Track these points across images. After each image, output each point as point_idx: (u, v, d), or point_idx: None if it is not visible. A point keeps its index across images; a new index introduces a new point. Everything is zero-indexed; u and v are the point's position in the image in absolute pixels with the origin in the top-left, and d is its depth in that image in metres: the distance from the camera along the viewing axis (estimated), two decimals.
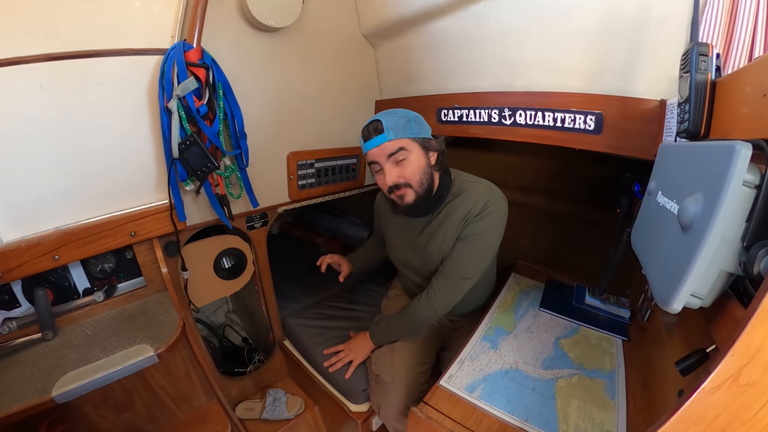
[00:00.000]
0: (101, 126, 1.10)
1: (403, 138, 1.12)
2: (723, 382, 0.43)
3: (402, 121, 1.12)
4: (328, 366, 1.47)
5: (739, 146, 0.43)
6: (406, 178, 1.14)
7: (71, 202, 1.12)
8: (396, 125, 1.11)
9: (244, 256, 1.62)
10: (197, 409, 1.54)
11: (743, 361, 0.42)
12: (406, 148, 1.12)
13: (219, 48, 1.20)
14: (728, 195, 0.44)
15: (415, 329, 1.37)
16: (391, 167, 1.14)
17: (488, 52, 1.30)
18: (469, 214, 1.19)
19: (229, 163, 1.32)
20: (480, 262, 1.23)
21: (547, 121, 1.19)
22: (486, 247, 1.22)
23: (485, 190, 1.23)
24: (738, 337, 0.42)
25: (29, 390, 0.97)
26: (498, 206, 1.20)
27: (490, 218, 1.18)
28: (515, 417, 0.95)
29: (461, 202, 1.23)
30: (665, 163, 0.75)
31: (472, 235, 1.19)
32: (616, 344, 1.22)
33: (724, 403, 0.44)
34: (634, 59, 1.02)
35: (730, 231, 0.46)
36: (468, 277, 1.23)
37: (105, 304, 1.28)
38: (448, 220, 1.24)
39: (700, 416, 0.46)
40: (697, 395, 0.45)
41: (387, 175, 1.13)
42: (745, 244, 0.46)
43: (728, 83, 0.63)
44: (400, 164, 1.13)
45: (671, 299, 0.50)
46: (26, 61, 0.95)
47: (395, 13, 1.43)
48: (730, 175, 0.43)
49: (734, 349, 0.42)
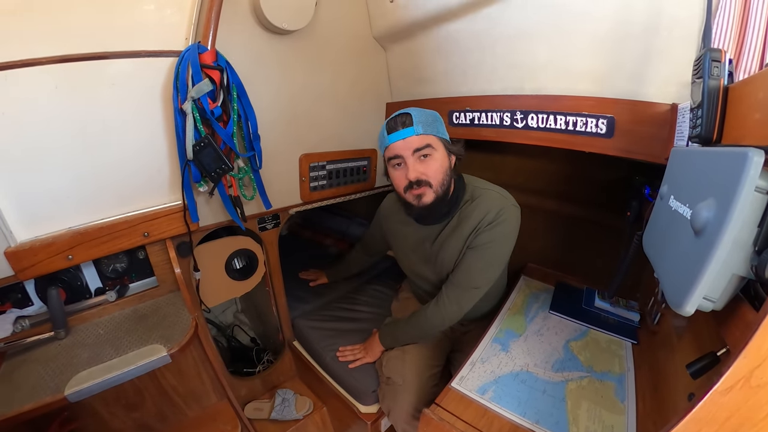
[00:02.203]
0: (115, 127, 1.11)
1: (431, 135, 1.11)
2: (735, 384, 0.44)
3: (431, 118, 1.13)
4: (339, 355, 1.51)
5: (751, 153, 0.44)
6: (428, 176, 1.12)
7: (85, 203, 1.13)
8: (426, 121, 1.11)
9: (255, 257, 1.63)
10: (207, 409, 1.55)
11: (755, 363, 0.43)
12: (432, 146, 1.11)
13: (233, 50, 1.19)
14: (741, 201, 0.44)
15: (423, 336, 1.37)
16: (415, 162, 1.12)
17: (499, 55, 1.30)
18: (481, 222, 1.18)
19: (243, 165, 1.31)
20: (491, 271, 1.22)
21: (559, 125, 1.19)
22: (497, 257, 1.21)
23: (498, 198, 1.22)
24: (750, 340, 0.43)
25: (42, 388, 0.97)
26: (511, 215, 1.19)
27: (502, 227, 1.17)
28: (526, 419, 0.96)
29: (473, 209, 1.21)
30: (677, 167, 0.75)
31: (483, 244, 1.18)
32: (625, 347, 1.22)
33: (735, 404, 0.45)
34: (645, 63, 1.02)
35: (742, 235, 0.47)
36: (478, 286, 1.22)
37: (117, 304, 1.28)
38: (460, 227, 1.22)
39: (712, 417, 0.46)
40: (709, 396, 0.46)
41: (410, 169, 1.11)
42: (757, 249, 0.47)
43: (741, 89, 0.64)
44: (425, 161, 1.12)
45: (684, 302, 0.51)
46: (41, 62, 0.95)
47: (406, 16, 1.43)
48: (742, 182, 0.44)
49: (746, 351, 0.43)
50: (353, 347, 1.53)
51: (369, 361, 1.46)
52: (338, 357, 1.51)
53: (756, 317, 0.44)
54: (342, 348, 1.54)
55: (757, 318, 0.43)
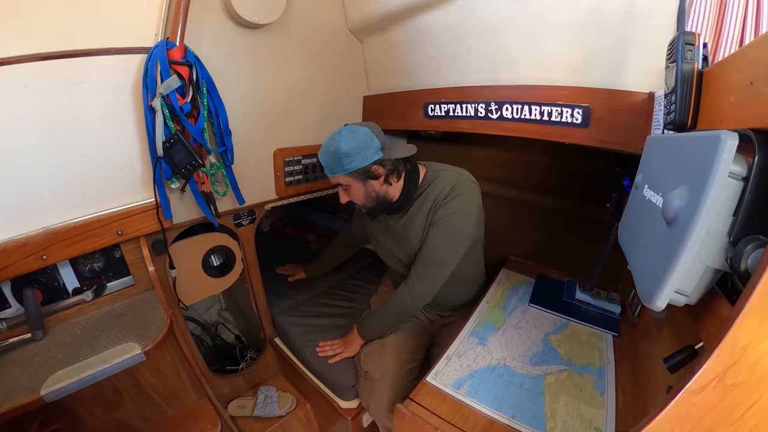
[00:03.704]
0: (86, 125, 1.09)
1: (337, 175, 1.22)
2: (708, 383, 0.42)
3: (332, 161, 1.20)
4: (319, 351, 1.52)
5: (724, 136, 0.41)
6: (354, 200, 1.30)
7: (57, 202, 1.11)
8: (328, 164, 1.22)
9: (232, 254, 1.61)
10: (187, 407, 1.55)
11: (729, 362, 0.41)
12: (342, 184, 1.25)
13: (203, 45, 1.19)
14: (714, 187, 0.42)
15: (398, 320, 1.39)
16: (341, 191, 1.29)
17: (474, 47, 1.29)
18: (438, 198, 1.24)
19: (215, 161, 1.31)
20: (454, 245, 1.24)
21: (534, 115, 1.17)
22: (457, 230, 1.23)
23: (453, 175, 1.28)
24: (724, 336, 0.40)
25: (18, 389, 0.97)
26: (466, 188, 1.24)
27: (458, 200, 1.22)
28: (502, 413, 0.94)
29: (432, 189, 1.27)
30: (652, 156, 0.73)
31: (442, 217, 1.22)
32: (606, 340, 1.21)
33: (709, 403, 0.43)
34: (622, 52, 1.01)
35: (716, 225, 0.45)
36: (443, 261, 1.24)
37: (94, 303, 1.27)
38: (421, 208, 1.29)
39: (686, 416, 0.44)
40: (681, 395, 0.43)
41: (340, 197, 1.31)
42: (732, 239, 0.45)
43: (715, 72, 0.61)
44: (347, 191, 1.27)
45: (655, 296, 0.48)
46: (9, 62, 0.94)
47: (382, 8, 1.41)
48: (715, 167, 0.42)
49: (720, 349, 0.41)
50: (333, 342, 1.52)
51: (348, 355, 1.46)
52: (318, 352, 1.51)
53: (731, 312, 0.41)
54: (322, 343, 1.54)
55: (732, 313, 0.41)
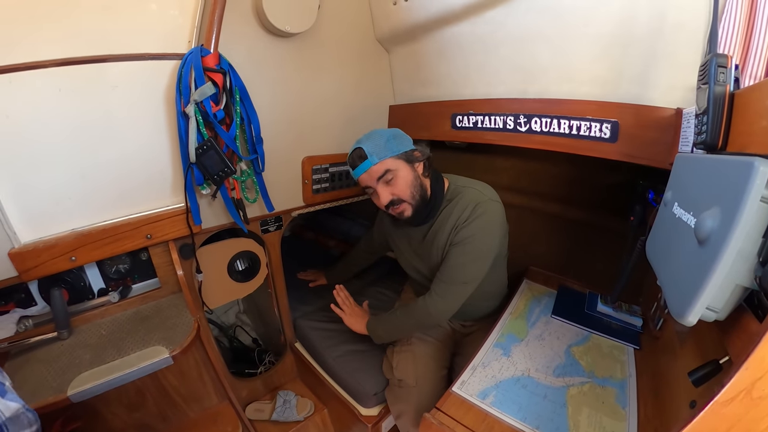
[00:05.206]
0: (118, 129, 1.11)
1: (386, 159, 1.18)
2: (736, 395, 0.44)
3: (381, 141, 1.18)
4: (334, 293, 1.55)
5: (758, 163, 0.44)
6: (398, 194, 1.21)
7: (88, 205, 1.14)
8: (377, 148, 1.18)
9: (257, 259, 1.63)
10: (208, 410, 1.55)
11: (757, 375, 0.43)
12: (391, 168, 1.18)
13: (235, 53, 1.19)
14: (746, 211, 0.44)
15: (407, 329, 1.38)
16: (383, 188, 1.20)
17: (502, 58, 1.30)
18: (459, 220, 1.22)
19: (246, 168, 1.31)
20: (475, 266, 1.22)
21: (563, 129, 1.18)
22: (479, 251, 1.21)
23: (475, 194, 1.25)
24: (752, 351, 0.43)
25: (44, 388, 0.98)
26: (488, 208, 1.21)
27: (479, 221, 1.19)
28: (526, 424, 0.96)
29: (453, 207, 1.25)
30: (682, 174, 0.75)
31: (464, 239, 1.20)
32: (627, 353, 1.21)
33: (736, 415, 0.44)
34: (649, 66, 1.01)
35: (746, 246, 0.47)
36: (465, 282, 1.22)
37: (120, 305, 1.29)
38: (443, 226, 1.26)
39: (713, 428, 0.46)
40: (710, 407, 0.45)
41: (381, 196, 1.21)
42: (761, 260, 0.47)
43: (747, 95, 0.63)
44: (391, 183, 1.20)
45: (687, 312, 0.50)
46: (45, 65, 0.96)
47: (410, 19, 1.43)
48: (748, 192, 0.44)
49: (748, 363, 0.43)
50: (351, 303, 1.53)
51: (345, 321, 1.48)
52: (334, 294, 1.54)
53: (759, 328, 0.43)
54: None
55: (760, 329, 0.43)
